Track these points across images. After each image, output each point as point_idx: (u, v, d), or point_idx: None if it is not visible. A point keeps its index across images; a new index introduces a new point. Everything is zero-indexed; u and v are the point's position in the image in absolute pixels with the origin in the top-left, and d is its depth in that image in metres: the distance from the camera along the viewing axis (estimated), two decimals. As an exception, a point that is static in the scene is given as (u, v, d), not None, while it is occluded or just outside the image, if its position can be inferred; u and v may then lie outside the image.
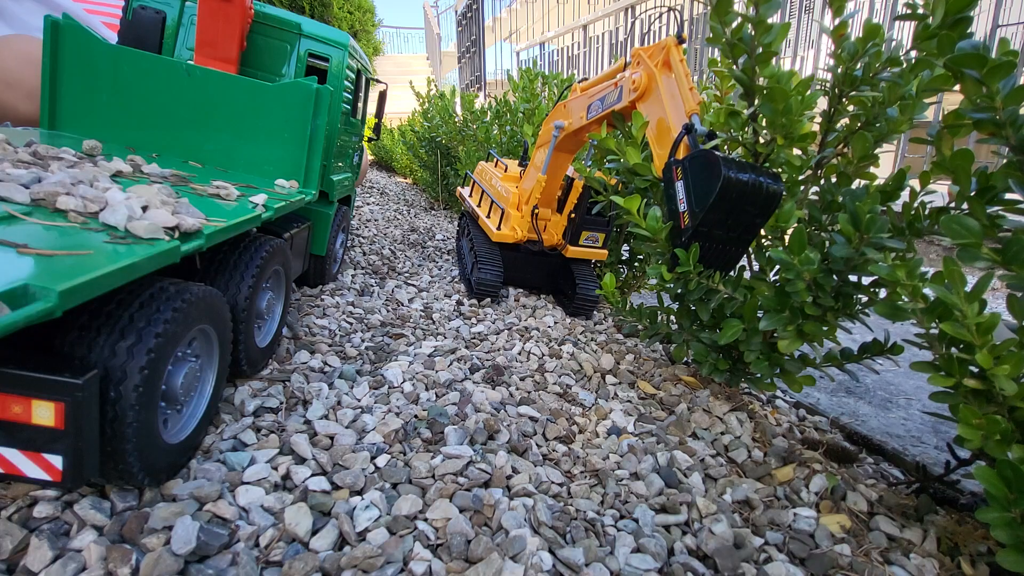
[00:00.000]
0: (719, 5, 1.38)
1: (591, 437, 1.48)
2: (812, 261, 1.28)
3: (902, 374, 2.36)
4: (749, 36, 1.38)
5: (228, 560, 0.89)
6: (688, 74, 1.59)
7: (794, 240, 1.29)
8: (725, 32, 1.40)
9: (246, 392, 1.37)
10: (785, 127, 1.40)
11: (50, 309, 0.66)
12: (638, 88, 1.68)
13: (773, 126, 1.42)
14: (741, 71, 1.43)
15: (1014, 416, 1.02)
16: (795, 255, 1.29)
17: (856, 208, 1.19)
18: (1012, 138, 0.98)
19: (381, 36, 16.35)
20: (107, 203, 0.99)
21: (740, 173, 1.32)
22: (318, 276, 2.29)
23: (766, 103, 1.39)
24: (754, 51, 1.38)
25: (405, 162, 7.70)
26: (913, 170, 1.31)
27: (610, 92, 1.88)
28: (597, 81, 2.10)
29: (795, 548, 1.12)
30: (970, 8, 1.06)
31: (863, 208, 1.17)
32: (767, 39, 1.36)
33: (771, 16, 1.35)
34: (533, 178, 2.41)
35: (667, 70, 1.64)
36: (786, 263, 1.30)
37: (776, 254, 1.31)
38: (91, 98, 1.71)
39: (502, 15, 18.73)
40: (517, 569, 0.95)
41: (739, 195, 1.33)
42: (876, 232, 1.17)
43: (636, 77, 1.68)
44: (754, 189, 1.33)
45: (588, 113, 2.04)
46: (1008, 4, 5.40)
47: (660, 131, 1.62)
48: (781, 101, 1.35)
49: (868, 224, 1.17)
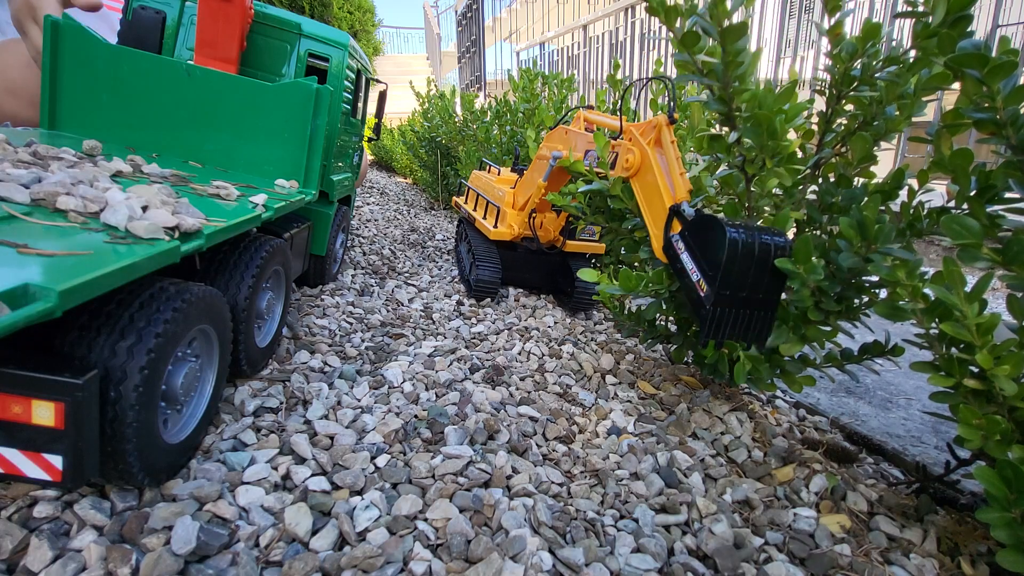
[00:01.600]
0: (685, 38, 1.31)
1: (591, 437, 1.48)
2: (819, 271, 1.24)
3: (902, 374, 2.36)
4: (720, 69, 1.34)
5: (228, 560, 0.89)
6: (679, 157, 1.58)
7: (800, 249, 1.25)
8: (696, 61, 1.34)
9: (246, 392, 1.37)
10: (771, 149, 1.37)
11: (50, 309, 0.66)
12: (631, 168, 1.67)
13: (761, 150, 1.39)
14: (717, 100, 1.39)
15: (1014, 416, 1.02)
16: (801, 264, 1.25)
17: (864, 218, 1.16)
18: (1013, 138, 0.98)
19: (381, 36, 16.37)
20: (107, 203, 0.99)
21: (743, 233, 1.28)
22: (318, 276, 2.29)
23: (748, 128, 1.36)
24: (728, 84, 1.35)
25: (405, 162, 7.70)
26: (912, 169, 1.30)
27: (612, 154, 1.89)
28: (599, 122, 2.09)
29: (795, 548, 1.12)
30: (970, 6, 1.06)
31: (871, 218, 1.15)
32: (739, 72, 1.32)
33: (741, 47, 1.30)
34: (532, 180, 2.41)
35: (659, 147, 1.64)
36: (792, 272, 1.27)
37: (782, 264, 1.27)
38: (91, 98, 1.70)
39: (502, 15, 18.73)
40: (517, 569, 0.95)
41: (748, 254, 1.28)
42: (884, 242, 1.14)
43: (630, 156, 1.67)
44: (763, 249, 1.28)
45: (584, 158, 2.05)
46: (1008, 4, 5.40)
47: (654, 209, 1.59)
48: (765, 124, 1.32)
49: (877, 234, 1.14)
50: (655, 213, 1.58)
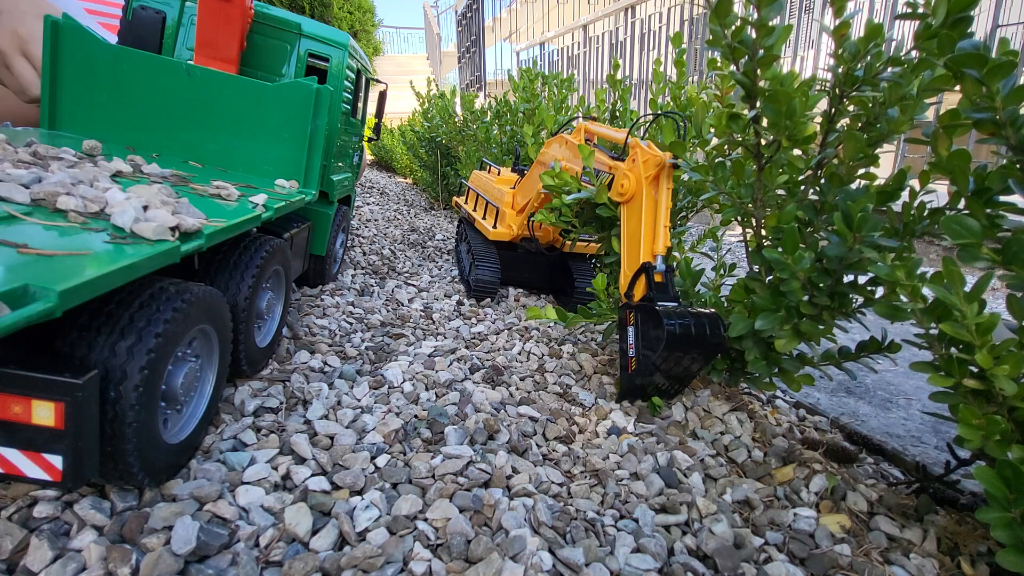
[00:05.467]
0: (719, 7, 1.37)
1: (591, 437, 1.48)
2: (805, 260, 1.28)
3: (902, 374, 2.36)
4: (750, 39, 1.38)
5: (228, 560, 0.89)
6: (669, 207, 1.64)
7: (787, 240, 1.30)
8: (725, 34, 1.39)
9: (246, 392, 1.37)
10: (788, 129, 1.39)
11: (50, 309, 0.66)
12: (625, 194, 1.70)
13: (776, 128, 1.41)
14: (743, 74, 1.43)
15: (1014, 416, 1.02)
16: (789, 254, 1.30)
17: (848, 207, 1.19)
18: (1012, 138, 0.98)
19: (381, 36, 16.37)
20: (107, 203, 0.99)
21: (682, 325, 1.45)
22: (318, 276, 2.29)
23: (768, 105, 1.38)
24: (755, 54, 1.38)
25: (405, 162, 7.70)
26: (913, 170, 1.31)
27: (604, 174, 1.91)
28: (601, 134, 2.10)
29: (795, 548, 1.12)
30: (971, 8, 1.05)
31: (855, 207, 1.18)
32: (768, 42, 1.35)
33: (773, 18, 1.34)
34: (533, 184, 2.41)
35: (655, 186, 1.67)
36: (780, 262, 1.31)
37: (770, 254, 1.32)
38: (91, 98, 1.71)
39: (502, 15, 18.72)
40: (517, 569, 0.95)
41: (683, 343, 1.45)
42: (868, 231, 1.17)
43: (625, 183, 1.69)
44: (698, 337, 1.46)
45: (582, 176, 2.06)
46: (1008, 4, 5.39)
47: (631, 249, 1.67)
48: (784, 103, 1.35)
49: (860, 223, 1.17)
50: (631, 253, 1.68)
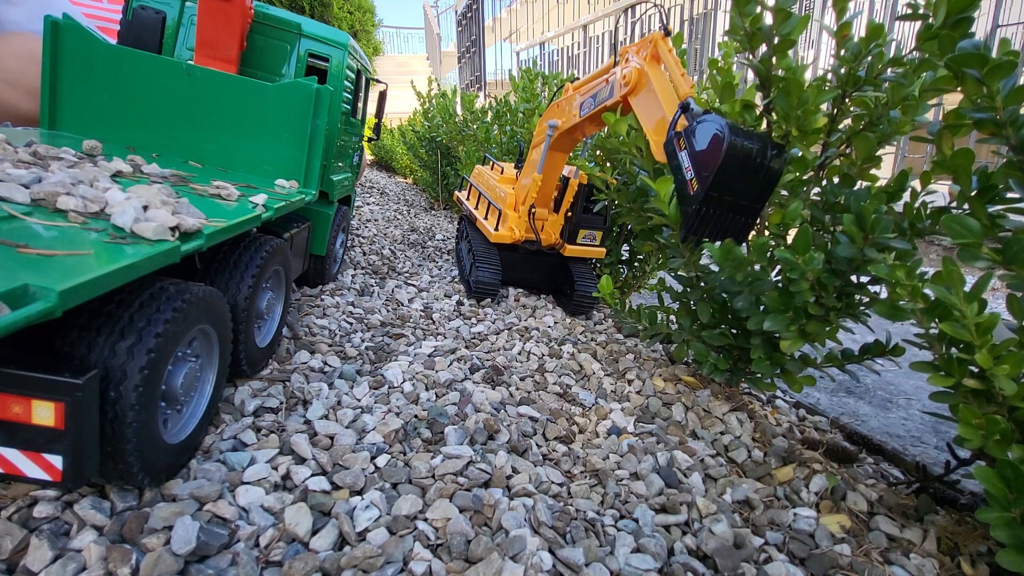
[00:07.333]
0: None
1: (591, 437, 1.48)
2: (816, 261, 1.28)
3: (902, 374, 2.36)
4: (767, 26, 1.38)
5: (228, 560, 0.89)
6: (678, 62, 1.60)
7: (798, 240, 1.29)
8: (744, 24, 1.40)
9: (246, 392, 1.37)
10: (799, 119, 1.39)
11: (50, 309, 0.66)
12: (629, 83, 1.69)
13: (787, 118, 1.41)
14: (759, 61, 1.43)
15: (1014, 416, 1.02)
16: (799, 255, 1.29)
17: (861, 208, 1.18)
18: (1013, 138, 0.98)
19: (381, 36, 16.37)
20: (107, 203, 0.99)
21: (744, 139, 1.31)
22: (318, 276, 2.29)
23: (781, 95, 1.39)
24: (772, 41, 1.39)
25: (405, 162, 7.70)
26: (914, 171, 1.31)
27: (601, 89, 1.90)
28: (589, 80, 2.11)
29: (795, 548, 1.12)
30: (972, 8, 1.06)
31: (868, 208, 1.17)
32: (785, 29, 1.36)
33: (791, 5, 1.35)
34: (529, 177, 2.42)
35: (656, 63, 1.65)
36: (790, 263, 1.30)
37: (780, 254, 1.31)
38: (91, 98, 1.70)
39: (502, 15, 18.73)
40: (517, 569, 0.95)
41: (744, 160, 1.32)
42: (881, 232, 1.17)
43: (626, 72, 1.69)
44: (760, 155, 1.32)
45: (580, 111, 2.05)
46: (1008, 4, 5.40)
47: (656, 122, 1.63)
48: (796, 93, 1.35)
49: (873, 224, 1.17)
50: (657, 127, 1.60)
